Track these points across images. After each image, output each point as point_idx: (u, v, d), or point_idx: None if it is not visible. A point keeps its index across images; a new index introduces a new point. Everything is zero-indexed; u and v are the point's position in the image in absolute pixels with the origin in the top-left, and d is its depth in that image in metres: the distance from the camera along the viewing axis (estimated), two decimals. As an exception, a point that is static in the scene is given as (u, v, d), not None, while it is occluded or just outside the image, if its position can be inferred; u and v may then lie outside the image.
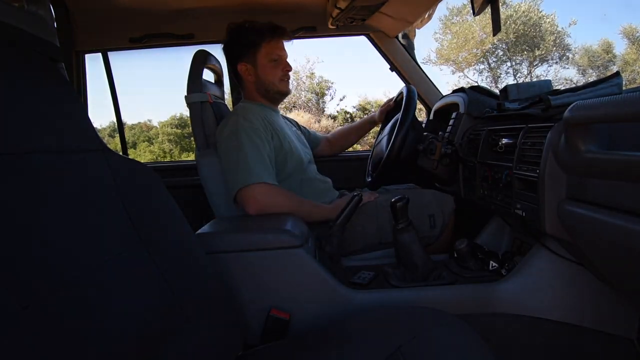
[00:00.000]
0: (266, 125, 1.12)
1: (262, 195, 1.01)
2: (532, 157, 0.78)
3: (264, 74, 1.19)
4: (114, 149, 0.77)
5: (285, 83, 1.22)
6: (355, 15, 1.51)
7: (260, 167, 1.03)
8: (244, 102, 1.24)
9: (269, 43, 1.17)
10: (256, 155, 1.04)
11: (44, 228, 0.46)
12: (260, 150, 1.05)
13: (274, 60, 1.18)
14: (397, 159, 1.17)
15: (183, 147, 12.21)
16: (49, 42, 0.60)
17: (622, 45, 13.07)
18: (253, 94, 1.23)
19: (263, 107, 1.21)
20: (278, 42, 1.19)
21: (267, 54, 1.17)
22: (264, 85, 1.20)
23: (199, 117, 1.24)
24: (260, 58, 1.18)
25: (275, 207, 1.02)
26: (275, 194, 1.03)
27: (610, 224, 0.58)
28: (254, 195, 1.00)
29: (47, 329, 0.41)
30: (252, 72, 1.19)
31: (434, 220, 1.15)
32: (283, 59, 1.21)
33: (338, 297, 0.84)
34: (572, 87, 0.84)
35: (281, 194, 1.04)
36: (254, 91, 1.22)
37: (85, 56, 1.76)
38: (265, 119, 1.14)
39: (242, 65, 1.19)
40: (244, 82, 1.23)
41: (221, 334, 0.67)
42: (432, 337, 0.63)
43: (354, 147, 2.09)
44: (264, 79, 1.19)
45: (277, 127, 1.17)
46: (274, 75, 1.19)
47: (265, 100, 1.23)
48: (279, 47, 1.19)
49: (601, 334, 0.81)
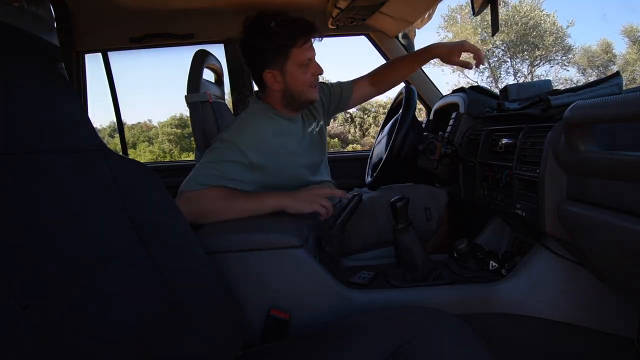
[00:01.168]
0: (259, 145, 1.00)
1: (182, 205, 0.75)
2: (532, 157, 0.78)
3: (293, 82, 1.04)
4: (114, 149, 0.77)
5: (315, 90, 1.08)
6: (356, 15, 1.52)
7: (206, 174, 0.94)
8: (257, 105, 1.10)
9: (301, 47, 1.01)
10: (212, 164, 0.96)
11: (43, 228, 0.46)
12: (224, 159, 0.96)
13: (304, 65, 1.03)
14: (397, 159, 1.17)
15: (183, 147, 12.21)
16: (49, 42, 0.60)
17: (623, 45, 13.08)
18: (275, 102, 1.08)
19: (276, 116, 1.08)
20: (308, 43, 1.03)
21: (297, 59, 1.01)
22: (291, 95, 1.06)
23: (199, 117, 1.24)
24: (289, 65, 1.02)
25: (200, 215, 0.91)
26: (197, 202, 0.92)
27: (610, 224, 0.58)
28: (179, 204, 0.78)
29: (47, 329, 0.41)
30: (279, 79, 1.03)
31: (430, 213, 1.15)
32: (313, 60, 1.05)
33: (338, 297, 0.84)
34: (572, 87, 0.84)
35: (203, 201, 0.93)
36: (278, 100, 1.08)
37: (85, 56, 1.76)
38: (266, 139, 1.02)
39: (269, 73, 1.03)
40: (268, 89, 1.07)
41: (221, 334, 0.67)
42: (432, 337, 0.63)
43: (354, 147, 2.09)
44: (292, 87, 1.04)
45: (274, 148, 1.03)
46: (303, 81, 1.04)
47: (287, 110, 1.10)
48: (309, 49, 1.03)
49: (601, 334, 0.81)
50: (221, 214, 0.92)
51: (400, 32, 1.80)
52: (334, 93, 1.27)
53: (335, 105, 1.28)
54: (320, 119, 1.21)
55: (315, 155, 1.17)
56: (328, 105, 1.27)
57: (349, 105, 1.32)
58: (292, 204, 0.94)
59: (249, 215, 0.93)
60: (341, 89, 1.28)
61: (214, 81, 1.49)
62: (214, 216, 0.92)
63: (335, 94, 1.27)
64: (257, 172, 1.00)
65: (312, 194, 0.96)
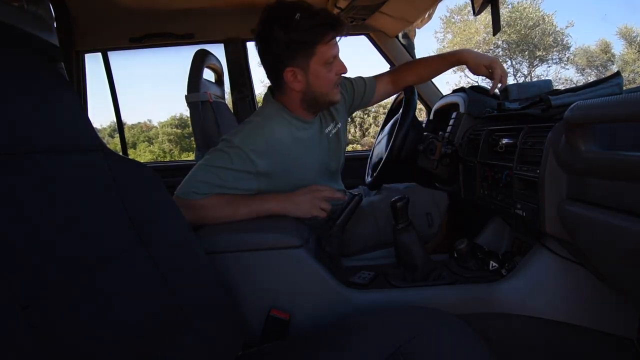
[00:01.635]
0: (270, 153, 0.94)
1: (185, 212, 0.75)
2: (533, 157, 0.78)
3: (316, 81, 0.95)
4: (114, 149, 0.77)
5: (337, 90, 1.00)
6: (356, 15, 1.52)
7: (203, 182, 0.91)
8: (272, 107, 1.01)
9: (327, 44, 0.92)
10: (215, 171, 0.91)
11: (43, 228, 0.46)
12: (227, 167, 0.92)
13: (329, 63, 0.94)
14: (397, 159, 1.17)
15: (183, 147, 12.22)
16: (48, 42, 0.60)
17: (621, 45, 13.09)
18: (293, 104, 1.00)
19: (292, 120, 1.00)
20: (334, 39, 0.94)
21: (324, 57, 0.93)
22: (313, 95, 0.97)
23: (199, 116, 1.24)
24: (313, 63, 0.93)
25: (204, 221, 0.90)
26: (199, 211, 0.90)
27: (610, 224, 0.58)
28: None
29: (47, 329, 0.41)
30: (301, 78, 0.94)
31: (432, 218, 1.14)
32: (337, 58, 0.96)
33: (338, 297, 0.84)
34: (572, 87, 0.84)
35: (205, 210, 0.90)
36: (297, 101, 0.99)
37: (85, 56, 1.76)
38: (280, 146, 0.96)
39: (290, 71, 0.93)
40: (286, 88, 0.97)
41: (221, 334, 0.67)
42: (432, 337, 0.64)
43: (354, 147, 2.09)
44: (315, 87, 0.96)
45: (286, 155, 0.97)
46: (327, 81, 0.96)
47: (304, 112, 1.01)
48: (335, 45, 0.94)
49: (601, 334, 0.81)
50: (224, 221, 0.91)
51: (401, 32, 1.80)
52: (357, 89, 1.19)
53: (358, 101, 1.22)
54: (339, 120, 1.13)
55: (329, 160, 1.11)
56: (351, 103, 1.20)
57: (370, 102, 1.26)
58: (293, 210, 0.93)
59: (250, 219, 0.93)
60: (365, 85, 1.20)
61: (214, 81, 1.49)
62: (216, 223, 0.91)
63: (358, 90, 1.20)
64: (263, 179, 0.96)
65: (311, 198, 0.94)
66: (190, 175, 0.93)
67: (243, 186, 0.94)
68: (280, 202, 0.93)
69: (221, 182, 0.92)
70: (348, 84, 1.18)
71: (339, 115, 1.14)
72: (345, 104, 1.18)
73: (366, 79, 1.22)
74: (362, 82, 1.21)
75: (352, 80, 1.20)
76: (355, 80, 1.20)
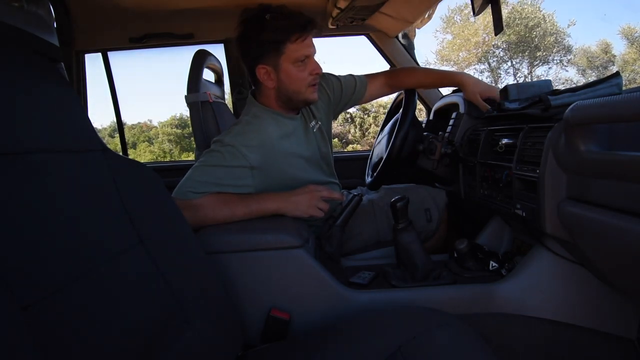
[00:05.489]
0: (262, 148, 0.97)
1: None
2: (532, 157, 0.78)
3: (287, 79, 0.98)
4: (114, 149, 0.77)
5: (313, 89, 1.01)
6: (355, 15, 1.52)
7: (200, 181, 0.92)
8: (256, 107, 1.04)
9: (295, 42, 0.95)
10: (211, 169, 0.93)
11: (43, 228, 0.46)
12: (222, 164, 0.93)
13: (300, 61, 0.97)
14: (397, 159, 1.17)
15: (183, 147, 12.23)
16: (48, 42, 0.60)
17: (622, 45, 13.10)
18: (270, 101, 1.03)
19: (277, 117, 1.03)
20: (306, 39, 0.96)
21: (293, 56, 0.96)
22: (286, 94, 1.00)
23: (199, 116, 1.24)
24: (283, 61, 0.96)
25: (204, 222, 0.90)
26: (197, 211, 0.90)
27: (610, 224, 0.58)
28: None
29: (47, 329, 0.41)
30: (273, 76, 0.98)
31: (430, 214, 1.15)
32: (311, 58, 0.99)
33: (338, 297, 0.84)
34: (572, 87, 0.84)
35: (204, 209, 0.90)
36: (272, 98, 1.02)
37: (85, 56, 1.76)
38: (270, 141, 0.98)
39: (262, 68, 0.97)
40: (262, 87, 1.02)
41: (221, 334, 0.67)
42: (432, 337, 0.63)
43: (354, 147, 2.09)
44: (287, 86, 0.99)
45: (278, 150, 0.99)
46: (300, 80, 0.98)
47: (284, 109, 1.04)
48: (306, 45, 0.97)
49: (601, 334, 0.81)
50: (222, 222, 0.91)
51: (400, 32, 1.80)
52: (345, 88, 1.20)
53: (347, 100, 1.22)
54: (319, 118, 1.15)
55: (318, 153, 1.13)
56: (338, 101, 1.21)
57: (361, 101, 1.27)
58: (291, 209, 0.93)
59: (249, 219, 0.93)
60: (355, 83, 1.22)
61: (214, 81, 1.49)
62: (214, 223, 0.91)
63: (347, 88, 1.21)
64: (258, 174, 0.97)
65: (309, 197, 0.94)
66: (186, 176, 0.94)
67: (239, 182, 0.95)
68: (278, 202, 0.93)
69: (217, 180, 0.92)
70: (335, 83, 1.19)
71: (320, 113, 1.15)
72: (331, 103, 1.19)
73: (357, 77, 1.23)
74: (352, 80, 1.22)
75: (341, 79, 1.21)
76: (345, 78, 1.21)
